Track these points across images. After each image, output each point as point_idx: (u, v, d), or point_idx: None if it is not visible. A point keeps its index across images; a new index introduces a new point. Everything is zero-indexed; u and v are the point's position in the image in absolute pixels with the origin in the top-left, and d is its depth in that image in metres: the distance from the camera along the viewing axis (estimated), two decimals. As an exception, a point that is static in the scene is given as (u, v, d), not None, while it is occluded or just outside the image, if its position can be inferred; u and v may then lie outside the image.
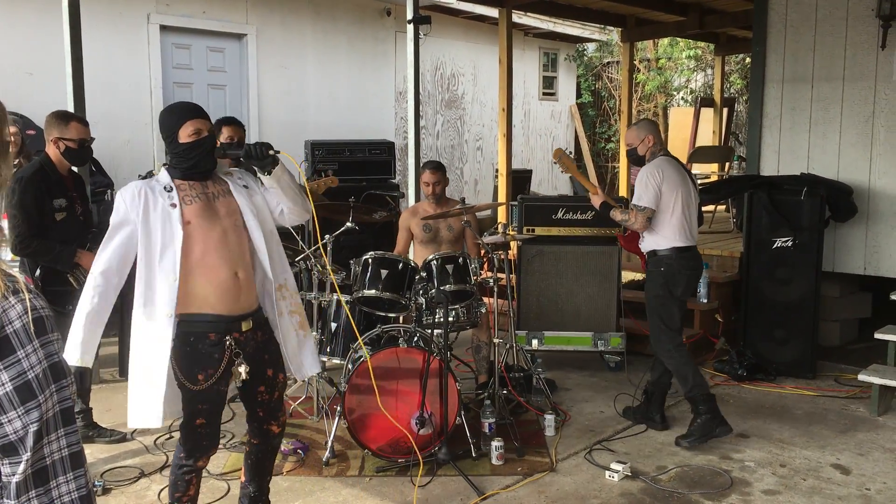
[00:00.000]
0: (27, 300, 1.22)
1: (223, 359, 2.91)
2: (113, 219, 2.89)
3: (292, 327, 3.11)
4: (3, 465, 1.21)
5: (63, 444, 1.25)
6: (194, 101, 8.89)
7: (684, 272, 4.45)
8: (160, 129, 3.01)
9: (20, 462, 1.20)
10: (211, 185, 3.00)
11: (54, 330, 1.25)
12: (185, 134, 2.91)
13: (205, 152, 2.94)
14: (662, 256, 4.43)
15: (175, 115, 2.97)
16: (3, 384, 1.19)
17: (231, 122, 5.07)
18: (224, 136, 4.98)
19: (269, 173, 2.97)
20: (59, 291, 4.04)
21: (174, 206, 2.87)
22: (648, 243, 4.50)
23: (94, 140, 4.23)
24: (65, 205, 4.07)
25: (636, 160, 4.58)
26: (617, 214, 4.49)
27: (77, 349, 2.84)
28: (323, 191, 5.12)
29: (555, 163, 4.68)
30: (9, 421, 1.20)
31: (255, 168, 3.01)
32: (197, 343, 2.88)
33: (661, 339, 4.51)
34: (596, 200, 4.61)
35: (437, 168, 5.20)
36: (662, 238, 4.43)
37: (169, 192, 2.90)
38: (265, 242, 3.00)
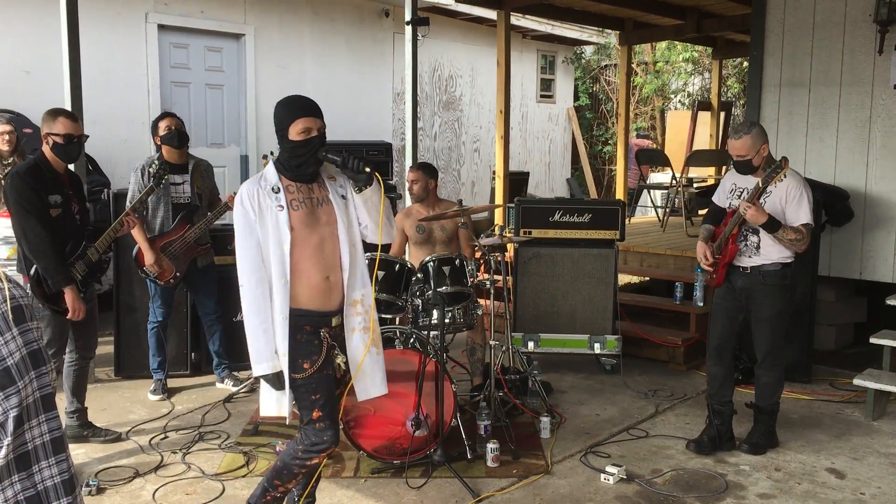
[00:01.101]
0: (6, 289, 1.23)
1: (323, 345, 2.98)
2: (240, 224, 2.92)
3: (363, 344, 3.07)
4: None
5: (44, 430, 1.26)
6: (191, 100, 8.90)
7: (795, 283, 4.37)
8: (274, 121, 2.99)
9: (1, 447, 1.20)
10: (316, 188, 3.02)
11: (34, 318, 1.26)
12: (296, 131, 2.91)
13: (313, 152, 2.94)
14: (787, 270, 4.22)
15: (288, 109, 2.95)
16: None
17: (168, 115, 5.14)
18: (162, 128, 4.99)
19: (360, 191, 2.99)
20: (55, 290, 4.03)
21: (282, 208, 2.91)
22: (772, 255, 4.19)
23: (85, 137, 4.19)
24: (60, 201, 4.05)
25: (748, 170, 4.18)
26: (790, 233, 4.07)
27: (267, 360, 2.90)
28: None
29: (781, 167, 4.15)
30: None
31: (350, 181, 3.02)
32: (295, 334, 2.94)
33: (778, 354, 4.34)
34: (759, 217, 4.02)
35: (418, 168, 5.26)
36: (789, 252, 4.20)
37: (276, 193, 2.93)
38: (349, 256, 3.02)
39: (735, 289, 4.32)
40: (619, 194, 10.21)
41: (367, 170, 2.92)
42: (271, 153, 5.20)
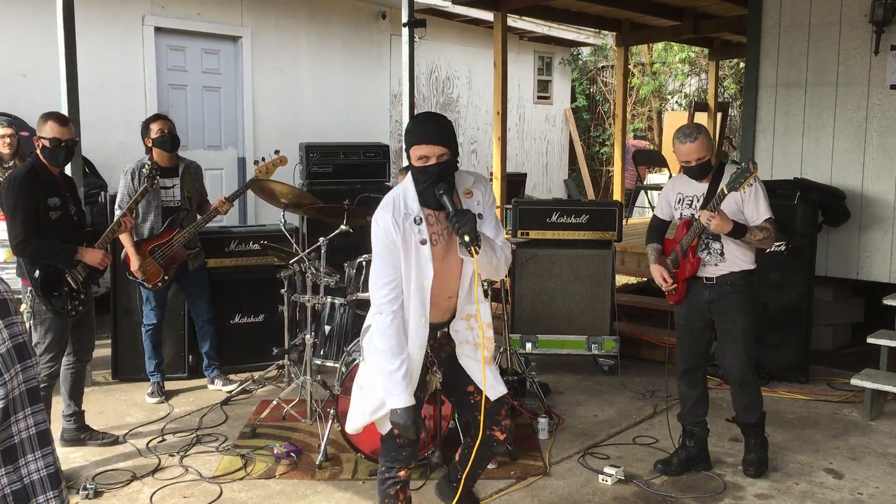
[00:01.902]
0: None
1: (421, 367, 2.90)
2: (380, 247, 2.75)
3: (475, 357, 2.98)
4: None
5: (30, 423, 1.25)
6: (188, 103, 8.83)
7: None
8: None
9: None
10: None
11: (18, 312, 1.26)
12: (414, 157, 2.79)
13: (430, 181, 2.75)
14: (752, 278, 3.94)
15: (409, 133, 2.82)
16: None
17: (160, 117, 5.15)
18: (154, 130, 4.99)
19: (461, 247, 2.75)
20: (58, 293, 4.03)
21: (424, 242, 2.77)
22: (739, 262, 3.90)
23: (74, 142, 4.17)
24: (59, 203, 4.06)
25: (706, 172, 3.88)
26: (757, 234, 3.79)
27: (404, 394, 2.77)
28: (273, 173, 5.14)
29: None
30: None
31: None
32: None
33: (751, 368, 4.00)
34: (724, 225, 3.72)
35: (405, 171, 5.24)
36: (753, 254, 3.95)
37: (419, 224, 2.78)
38: (470, 276, 2.91)
39: (699, 303, 3.99)
40: (617, 195, 10.21)
41: (467, 238, 2.65)
42: (277, 151, 5.23)
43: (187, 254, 5.13)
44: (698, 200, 3.92)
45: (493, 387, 3.02)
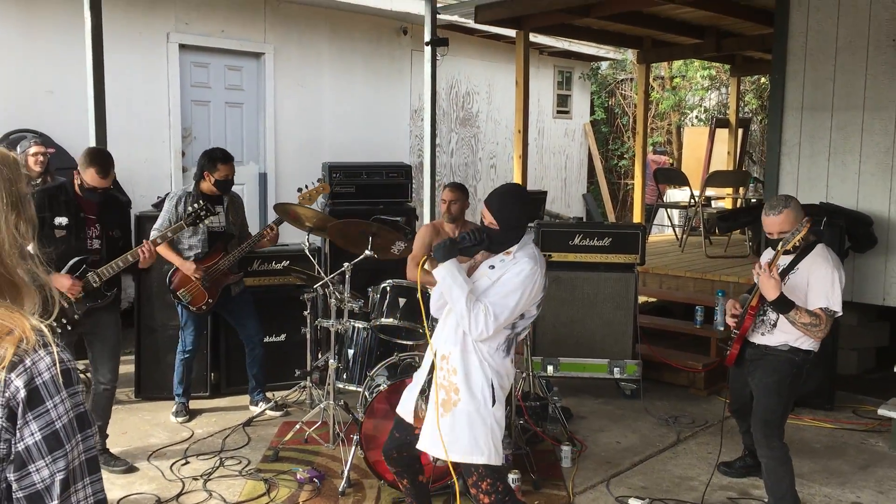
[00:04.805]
0: (55, 353, 1.26)
1: None
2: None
3: (434, 402, 3.12)
4: None
5: (89, 493, 1.29)
6: (210, 119, 8.84)
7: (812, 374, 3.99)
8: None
9: None
10: None
11: (79, 381, 1.30)
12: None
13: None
14: (808, 356, 3.81)
15: None
16: (32, 434, 1.22)
17: (229, 159, 5.08)
18: (222, 172, 4.99)
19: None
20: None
21: None
22: (788, 338, 3.79)
23: (111, 188, 4.27)
24: (65, 223, 4.10)
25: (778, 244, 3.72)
26: (804, 316, 3.61)
27: None
28: (316, 200, 5.17)
29: None
30: (37, 470, 1.22)
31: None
32: None
33: (775, 427, 3.79)
34: (769, 287, 3.59)
35: (457, 188, 5.21)
36: (812, 339, 3.78)
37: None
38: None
39: (742, 360, 3.99)
40: (636, 212, 10.18)
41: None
42: (320, 179, 5.29)
43: (231, 277, 5.14)
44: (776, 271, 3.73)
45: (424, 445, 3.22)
